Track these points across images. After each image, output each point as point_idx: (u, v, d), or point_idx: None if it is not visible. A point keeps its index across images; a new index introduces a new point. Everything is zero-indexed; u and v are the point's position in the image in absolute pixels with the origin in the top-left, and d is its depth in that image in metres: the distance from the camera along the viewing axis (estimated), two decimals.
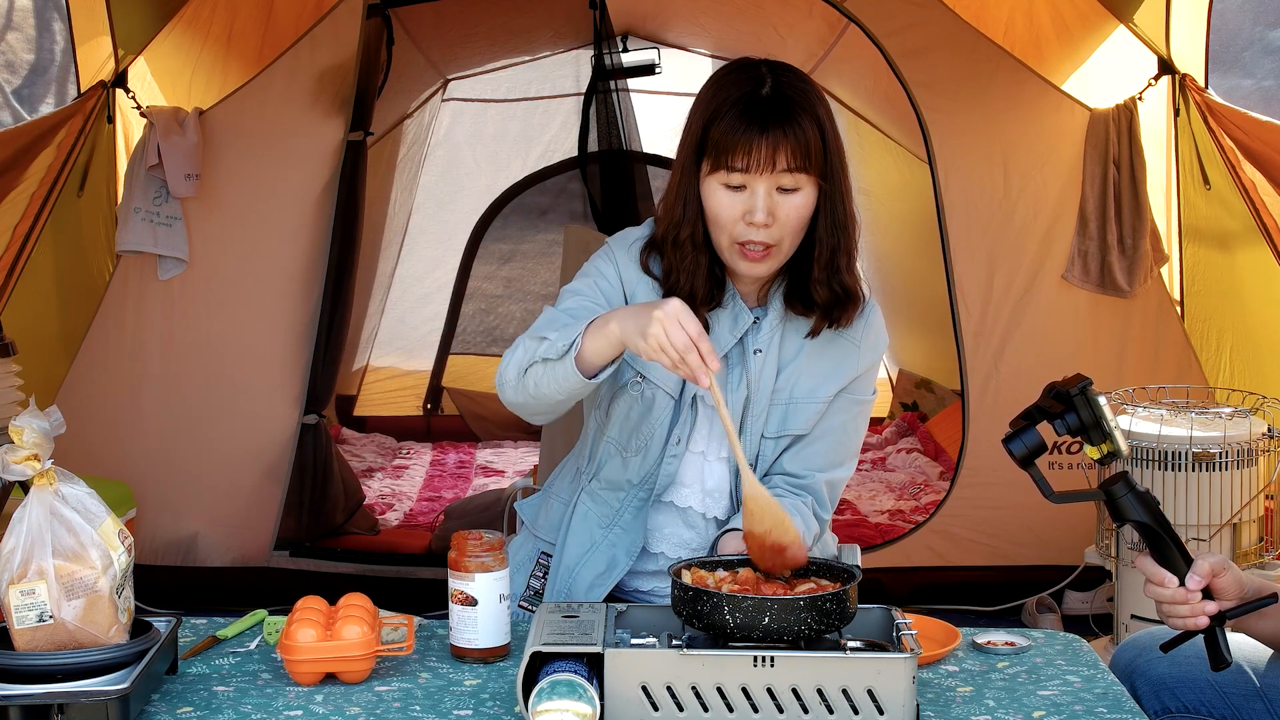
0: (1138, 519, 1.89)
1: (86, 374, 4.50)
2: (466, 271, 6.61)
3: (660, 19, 6.10)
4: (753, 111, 2.10)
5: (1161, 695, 2.16)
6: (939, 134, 4.46)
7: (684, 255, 2.19)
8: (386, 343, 6.63)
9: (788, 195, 2.12)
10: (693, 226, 2.18)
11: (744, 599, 1.78)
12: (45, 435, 1.82)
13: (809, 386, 2.27)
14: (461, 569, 2.00)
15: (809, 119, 2.11)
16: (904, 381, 6.55)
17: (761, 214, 2.11)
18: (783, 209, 2.12)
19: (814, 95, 2.16)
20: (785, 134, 2.09)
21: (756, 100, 2.11)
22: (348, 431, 6.28)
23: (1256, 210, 4.03)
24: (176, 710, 1.85)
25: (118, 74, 4.44)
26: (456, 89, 6.35)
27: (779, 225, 2.12)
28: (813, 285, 2.20)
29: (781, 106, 2.11)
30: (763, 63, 2.19)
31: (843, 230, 2.18)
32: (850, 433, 2.33)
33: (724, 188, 2.13)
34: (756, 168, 2.10)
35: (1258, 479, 3.65)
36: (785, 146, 2.09)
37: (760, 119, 2.10)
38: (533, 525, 2.45)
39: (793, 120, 2.10)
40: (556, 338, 2.07)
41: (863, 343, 2.30)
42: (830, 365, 2.28)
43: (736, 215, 2.13)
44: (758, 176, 2.10)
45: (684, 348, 1.90)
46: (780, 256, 2.16)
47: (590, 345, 2.03)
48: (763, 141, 2.09)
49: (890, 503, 5.24)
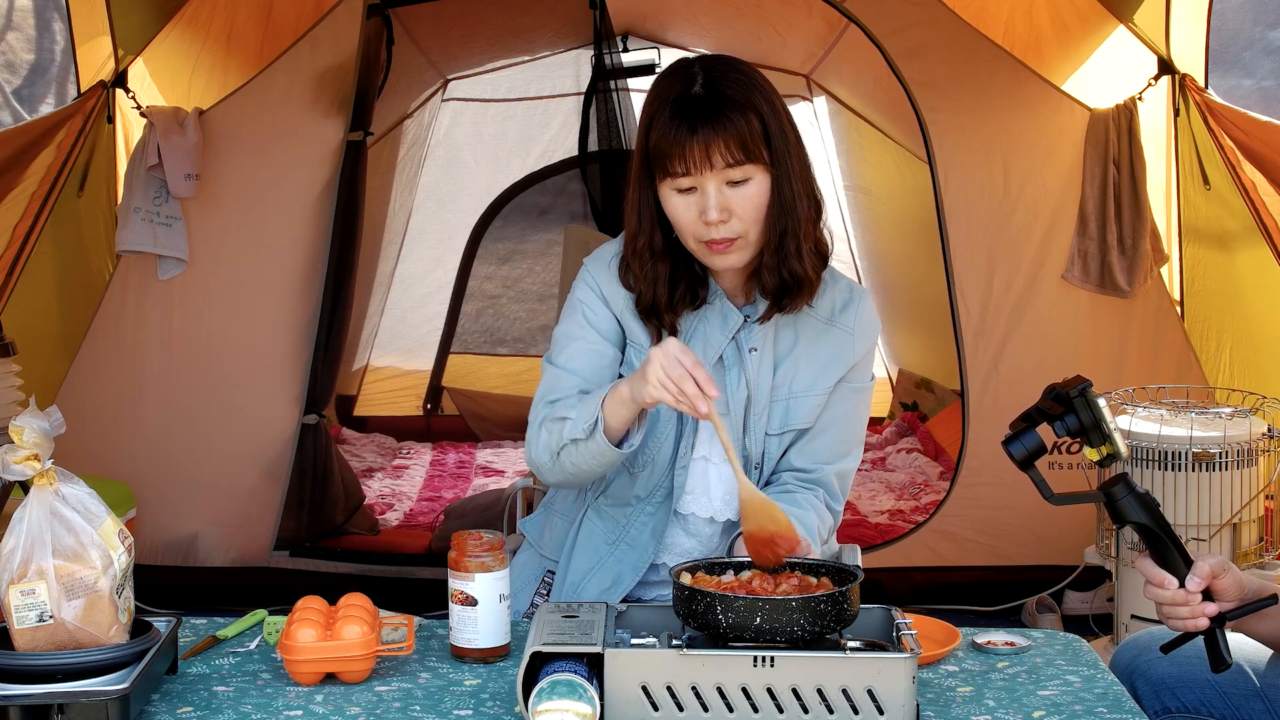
0: (1137, 521, 1.89)
1: (86, 374, 4.50)
2: (466, 271, 6.61)
3: (660, 19, 6.10)
4: (684, 113, 2.10)
5: (1161, 695, 2.16)
6: (939, 134, 4.46)
7: (643, 264, 2.21)
8: (386, 343, 6.63)
9: (739, 187, 2.12)
10: (649, 235, 2.19)
11: (736, 599, 1.78)
12: (45, 435, 1.82)
13: (807, 380, 2.27)
14: (461, 569, 2.00)
15: (743, 109, 2.10)
16: (904, 381, 6.55)
17: (714, 212, 2.10)
18: (736, 202, 2.12)
19: (751, 84, 2.14)
20: (717, 130, 2.08)
21: (687, 101, 2.11)
22: (348, 431, 6.28)
23: (1256, 210, 4.03)
24: (176, 710, 1.85)
25: (118, 74, 4.44)
26: (456, 89, 6.35)
27: (737, 218, 2.12)
28: (763, 272, 2.20)
29: (712, 103, 2.10)
30: (697, 60, 2.18)
31: (790, 214, 2.16)
32: (854, 422, 2.33)
33: (676, 193, 2.13)
34: (697, 169, 2.09)
35: (1258, 479, 3.65)
36: (719, 143, 2.08)
37: (691, 120, 2.09)
38: (538, 544, 2.44)
39: (724, 115, 2.09)
40: (578, 416, 2.12)
41: (856, 331, 2.29)
42: (826, 356, 2.27)
43: (694, 216, 2.13)
44: (702, 176, 2.10)
45: (679, 378, 1.94)
46: (749, 246, 2.16)
47: (611, 414, 2.08)
48: (696, 142, 2.08)
49: (890, 503, 5.24)
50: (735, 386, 2.24)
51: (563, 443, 2.14)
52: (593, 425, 2.08)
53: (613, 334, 2.27)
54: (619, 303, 2.26)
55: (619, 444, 2.10)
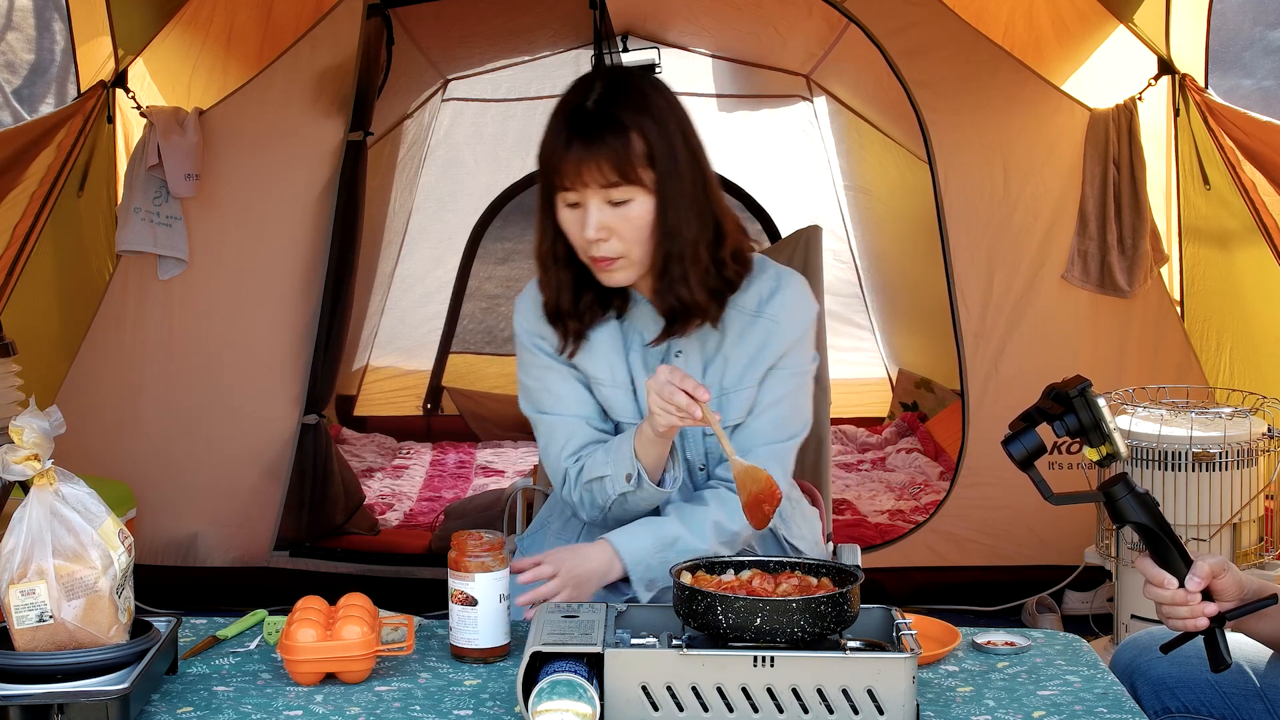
0: (1137, 520, 1.89)
1: (86, 374, 4.50)
2: (466, 271, 6.61)
3: (660, 19, 6.10)
4: (574, 128, 2.08)
5: (1161, 695, 2.16)
6: (939, 134, 4.46)
7: (547, 270, 2.21)
8: (386, 343, 6.63)
9: (620, 207, 2.09)
10: (551, 242, 2.17)
11: (736, 599, 1.78)
12: (45, 435, 1.82)
13: (736, 374, 2.26)
14: (461, 569, 2.00)
15: (624, 131, 2.07)
16: (904, 381, 6.55)
17: (591, 230, 2.08)
18: (616, 221, 2.09)
19: (647, 100, 2.10)
20: (598, 148, 2.05)
21: (577, 114, 2.08)
22: (348, 431, 6.28)
23: (1256, 210, 4.03)
24: (176, 710, 1.85)
25: (118, 74, 4.44)
26: (456, 89, 6.35)
27: (617, 238, 2.10)
28: (653, 294, 2.19)
29: (600, 119, 2.07)
30: (602, 72, 2.18)
31: (675, 238, 2.12)
32: (795, 405, 2.30)
33: (566, 206, 2.12)
34: (579, 185, 2.07)
35: (1258, 479, 3.65)
36: (597, 162, 2.05)
37: (582, 134, 2.07)
38: None
39: (608, 133, 2.06)
40: (614, 471, 2.17)
41: (782, 318, 2.26)
42: (754, 349, 2.26)
43: (579, 232, 2.11)
44: (585, 192, 2.08)
45: (670, 395, 1.99)
46: (632, 265, 2.14)
47: (645, 455, 2.14)
48: (580, 158, 2.06)
49: (890, 503, 5.24)
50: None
51: (609, 499, 2.20)
52: (637, 476, 2.15)
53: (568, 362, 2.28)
54: (554, 335, 2.27)
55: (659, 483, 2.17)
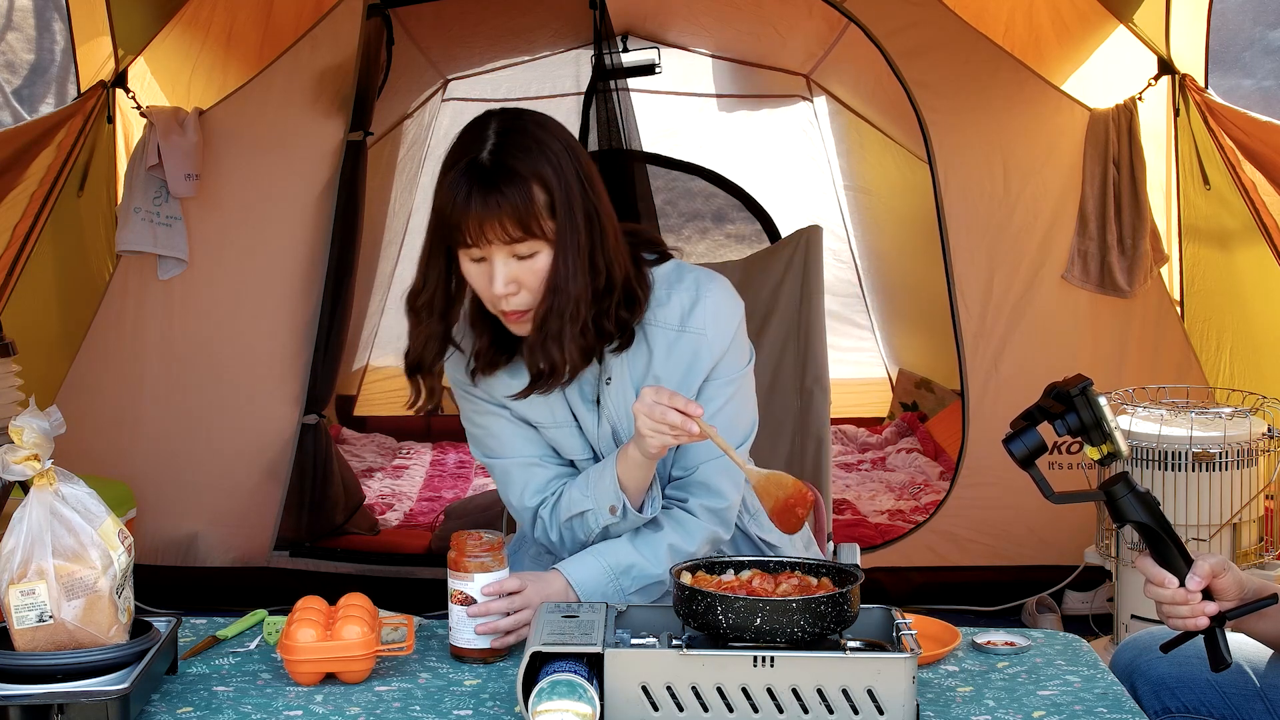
0: (1138, 519, 1.89)
1: (86, 374, 4.50)
2: None
3: (660, 19, 6.10)
4: (466, 182, 2.01)
5: (1161, 695, 2.16)
6: (939, 134, 4.46)
7: (419, 322, 2.13)
8: (386, 343, 6.62)
9: (526, 261, 2.04)
10: (431, 295, 2.11)
11: (736, 599, 1.78)
12: (45, 435, 1.82)
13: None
14: (461, 569, 2.00)
15: (527, 184, 2.01)
16: (904, 381, 6.55)
17: (500, 285, 2.03)
18: (524, 275, 2.04)
19: (543, 146, 2.05)
20: (498, 206, 1.99)
21: (476, 169, 2.02)
22: (348, 431, 6.28)
23: (1256, 210, 4.03)
24: (176, 710, 1.85)
25: (118, 74, 4.44)
26: (456, 89, 6.35)
27: (526, 290, 2.05)
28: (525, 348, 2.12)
29: (498, 173, 2.01)
30: (496, 117, 2.09)
31: (560, 292, 2.05)
32: (737, 410, 2.25)
33: (471, 260, 2.06)
34: (483, 242, 2.02)
35: (1258, 479, 3.65)
36: (496, 221, 2.00)
37: (481, 190, 2.00)
38: None
39: (508, 187, 2.00)
40: (595, 504, 2.15)
41: (708, 330, 2.20)
42: (684, 364, 2.20)
43: (486, 285, 2.06)
44: (490, 247, 2.03)
45: (661, 415, 1.98)
46: (542, 315, 2.08)
47: (628, 479, 2.13)
48: (472, 216, 2.00)
49: (890, 503, 5.24)
50: (599, 422, 2.21)
51: (593, 533, 2.18)
52: (622, 507, 2.14)
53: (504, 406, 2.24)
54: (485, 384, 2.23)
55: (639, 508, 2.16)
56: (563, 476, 2.25)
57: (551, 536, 2.24)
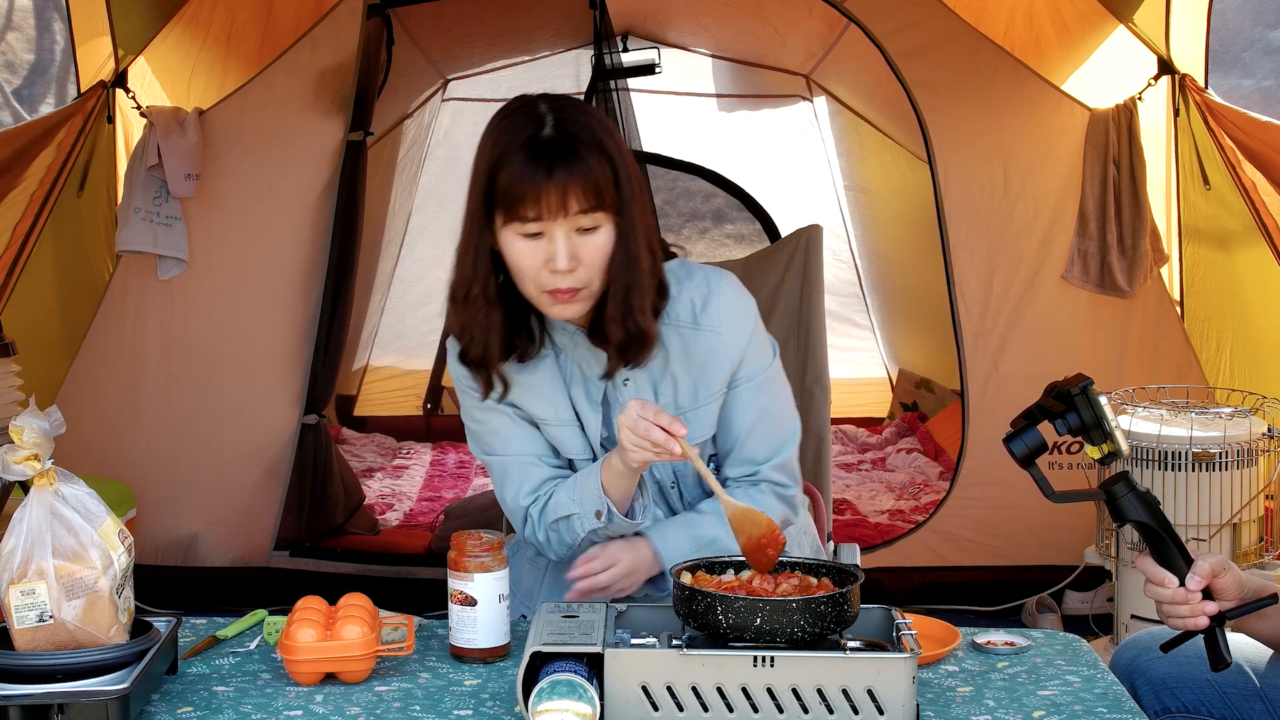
0: (1138, 519, 1.89)
1: (86, 374, 4.50)
2: None
3: (660, 19, 6.10)
4: (539, 155, 2.01)
5: (1161, 695, 2.16)
6: (939, 134, 4.46)
7: (475, 312, 2.12)
8: (386, 343, 6.63)
9: (588, 235, 2.04)
10: (484, 282, 2.10)
11: (736, 599, 1.78)
12: (45, 435, 1.82)
13: (689, 392, 2.22)
14: (461, 569, 2.00)
15: (597, 155, 2.03)
16: (904, 381, 6.55)
17: (563, 260, 2.02)
18: (585, 250, 2.04)
19: (599, 128, 2.07)
20: (573, 175, 2.01)
21: (540, 144, 2.02)
22: (348, 431, 6.28)
23: (1256, 210, 4.03)
24: (176, 710, 1.85)
25: (118, 74, 4.44)
26: (456, 89, 6.35)
27: (584, 267, 2.05)
28: (606, 324, 2.11)
29: (566, 146, 2.02)
30: (541, 99, 2.11)
31: (635, 266, 2.08)
32: (774, 414, 2.27)
33: (521, 237, 2.05)
34: (550, 214, 2.01)
35: (1258, 479, 3.65)
36: (575, 188, 2.01)
37: (547, 162, 2.01)
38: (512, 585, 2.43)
39: (580, 159, 2.01)
40: (581, 509, 2.15)
41: (722, 328, 2.21)
42: (700, 363, 2.21)
43: (539, 264, 2.05)
44: (553, 222, 2.02)
45: (645, 431, 1.97)
46: (591, 296, 2.09)
47: (612, 487, 2.12)
48: (551, 186, 2.00)
49: (890, 503, 5.23)
50: (599, 425, 2.22)
51: (578, 537, 2.18)
52: (607, 511, 2.13)
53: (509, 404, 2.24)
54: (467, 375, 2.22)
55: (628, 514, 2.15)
56: (558, 478, 2.25)
57: (539, 537, 2.24)
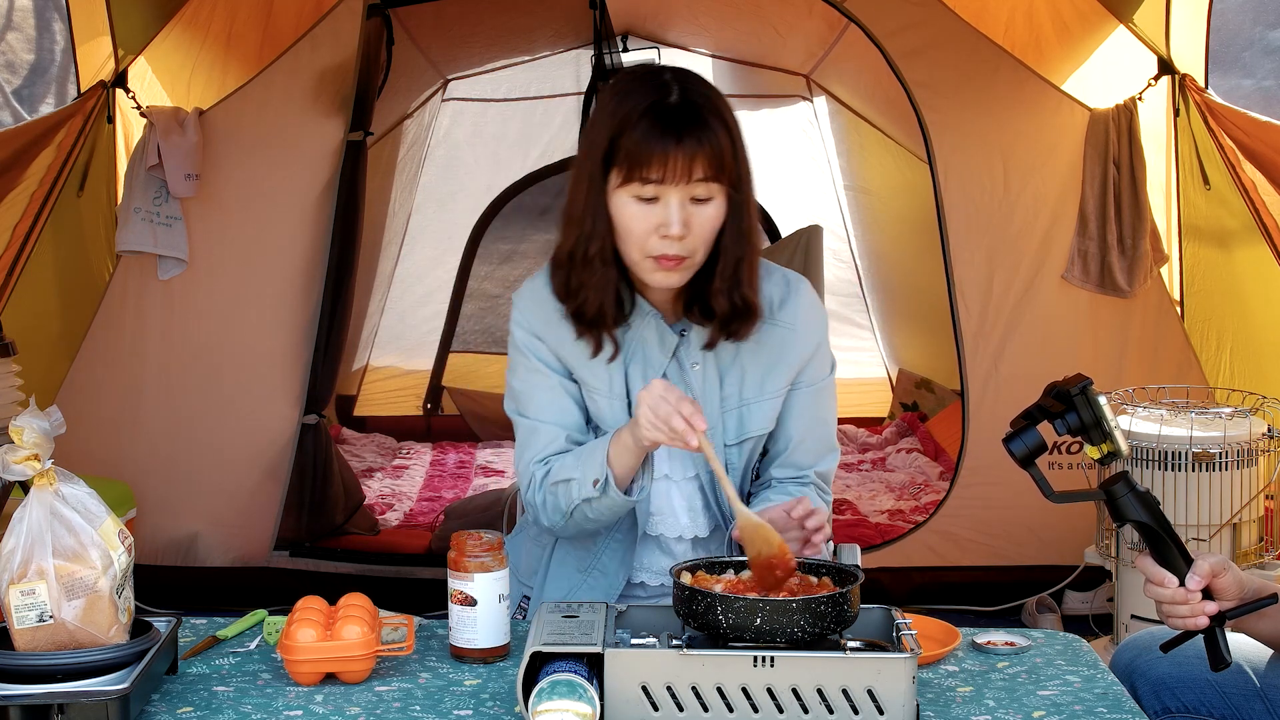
0: (1138, 519, 1.89)
1: (86, 374, 4.50)
2: (466, 271, 6.61)
3: (660, 19, 6.10)
4: (665, 120, 2.05)
5: (1161, 695, 2.16)
6: (939, 134, 4.46)
7: (593, 271, 2.14)
8: (386, 342, 6.63)
9: (701, 205, 2.07)
10: (602, 241, 2.12)
11: (736, 599, 1.78)
12: (45, 435, 1.82)
13: (756, 385, 2.25)
14: (461, 569, 2.00)
15: (720, 126, 2.07)
16: (904, 381, 6.55)
17: (677, 226, 2.06)
18: (696, 219, 2.07)
19: (721, 102, 2.11)
20: (700, 142, 2.04)
21: (667, 108, 2.06)
22: (348, 431, 6.28)
23: (1256, 210, 4.03)
24: (176, 710, 1.85)
25: (118, 74, 4.44)
26: (456, 89, 6.35)
27: (693, 236, 2.08)
28: (713, 296, 2.15)
29: (693, 114, 2.06)
30: (667, 69, 2.14)
31: (746, 240, 2.14)
32: (825, 421, 2.32)
33: (635, 200, 2.07)
34: (672, 178, 2.05)
35: (1258, 479, 3.65)
36: (700, 155, 2.04)
37: (675, 127, 2.04)
38: (514, 567, 2.43)
39: (706, 127, 2.05)
40: (582, 475, 2.13)
41: (798, 326, 2.25)
42: (771, 358, 2.24)
43: (649, 228, 2.07)
44: (672, 187, 2.05)
45: (667, 415, 1.97)
46: (693, 266, 2.12)
47: (617, 462, 2.11)
48: (678, 151, 2.04)
49: (890, 503, 5.23)
50: None
51: (573, 504, 2.16)
52: (604, 482, 2.11)
53: (564, 369, 2.25)
54: (554, 340, 2.23)
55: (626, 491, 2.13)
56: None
57: (537, 498, 2.22)
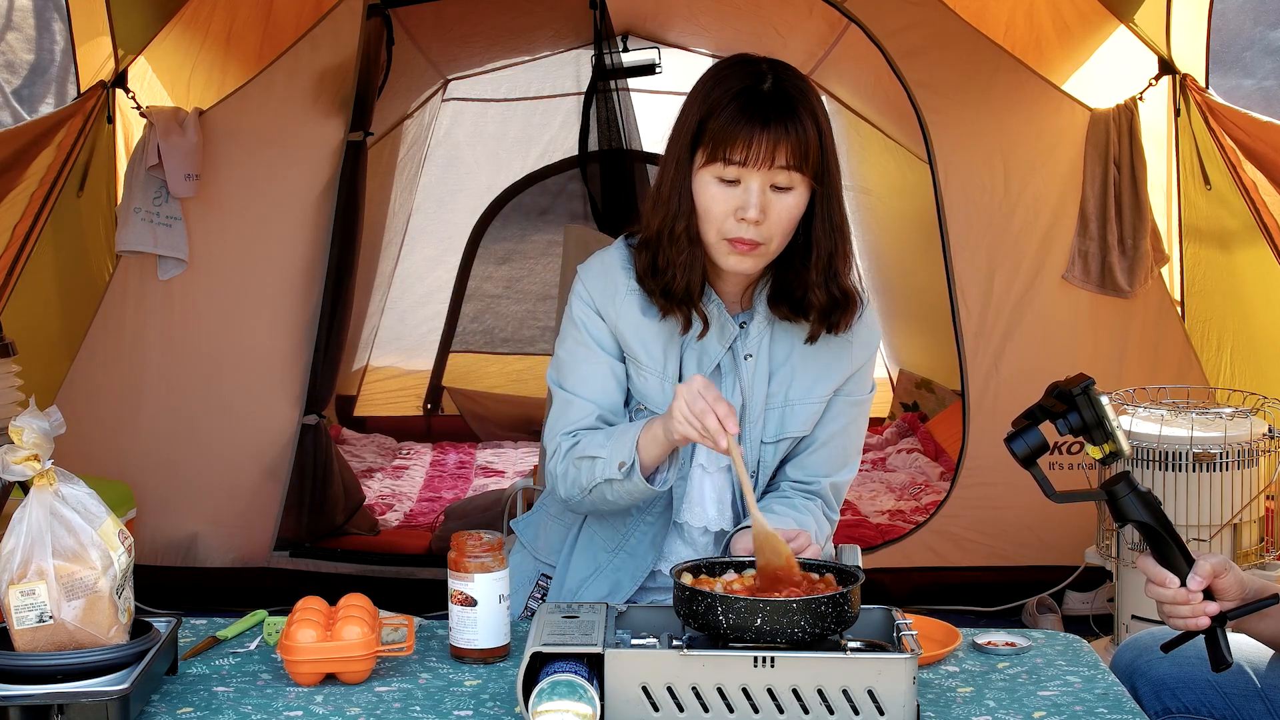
0: (1139, 519, 1.89)
1: (86, 374, 4.50)
2: (466, 271, 6.61)
3: (660, 19, 6.10)
4: (754, 105, 2.09)
5: (1162, 695, 2.16)
6: (939, 134, 4.45)
7: (680, 250, 2.17)
8: (386, 342, 6.63)
9: (780, 194, 2.11)
10: (688, 219, 2.16)
11: (737, 600, 1.78)
12: (45, 435, 1.82)
13: (804, 388, 2.26)
14: (461, 569, 2.00)
15: (809, 118, 2.11)
16: (904, 381, 6.55)
17: (754, 210, 2.09)
18: (774, 207, 2.11)
19: (813, 96, 2.15)
20: (786, 130, 2.08)
21: (758, 95, 2.10)
22: (348, 432, 6.28)
23: (1257, 210, 4.03)
24: (176, 710, 1.85)
25: (118, 74, 4.44)
26: (456, 89, 6.35)
27: (770, 223, 2.11)
28: (810, 289, 2.19)
29: (783, 102, 2.10)
30: (763, 60, 2.17)
31: (839, 233, 2.17)
32: (851, 435, 2.33)
33: (717, 181, 2.11)
34: (754, 162, 2.08)
35: (1258, 479, 3.64)
36: (785, 143, 2.08)
37: (762, 113, 2.08)
38: (532, 547, 2.43)
39: (794, 117, 2.09)
40: (609, 455, 2.14)
41: (855, 339, 2.28)
42: (823, 365, 2.26)
43: (728, 210, 2.11)
44: (753, 171, 2.09)
45: (701, 413, 1.97)
46: (767, 254, 2.15)
47: (645, 451, 2.11)
48: (764, 136, 2.07)
49: (890, 503, 5.23)
50: (730, 394, 2.24)
51: (595, 482, 2.17)
52: (630, 467, 2.11)
53: (615, 348, 2.26)
54: (614, 315, 2.24)
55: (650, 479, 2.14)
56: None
57: (559, 467, 2.23)
